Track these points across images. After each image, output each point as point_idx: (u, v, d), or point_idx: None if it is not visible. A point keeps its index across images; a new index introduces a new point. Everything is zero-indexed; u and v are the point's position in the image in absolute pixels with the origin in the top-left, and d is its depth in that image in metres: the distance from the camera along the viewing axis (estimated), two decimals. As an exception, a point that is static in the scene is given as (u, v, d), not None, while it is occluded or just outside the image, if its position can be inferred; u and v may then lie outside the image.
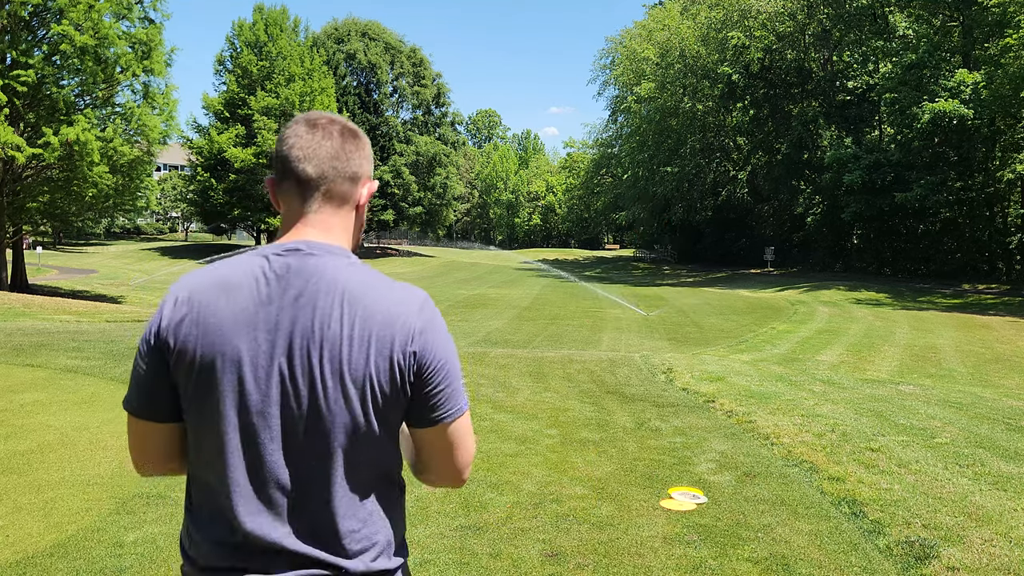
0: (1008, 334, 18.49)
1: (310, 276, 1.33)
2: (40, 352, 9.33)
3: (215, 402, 1.32)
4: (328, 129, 1.43)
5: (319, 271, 1.34)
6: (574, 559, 3.65)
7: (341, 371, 1.30)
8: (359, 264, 1.40)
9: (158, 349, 1.34)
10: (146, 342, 1.37)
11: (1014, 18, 30.60)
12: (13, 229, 23.58)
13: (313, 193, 1.41)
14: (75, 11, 20.62)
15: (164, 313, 1.35)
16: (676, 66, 49.28)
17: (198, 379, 1.32)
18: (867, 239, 42.63)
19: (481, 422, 6.43)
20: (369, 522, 1.36)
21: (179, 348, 1.32)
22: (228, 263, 1.39)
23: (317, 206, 1.42)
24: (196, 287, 1.35)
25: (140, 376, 1.38)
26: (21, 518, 3.99)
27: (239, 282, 1.34)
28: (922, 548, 3.83)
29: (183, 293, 1.35)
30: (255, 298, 1.32)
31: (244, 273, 1.35)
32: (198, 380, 1.32)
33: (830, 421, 6.57)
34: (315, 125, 1.43)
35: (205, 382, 1.32)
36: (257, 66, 49.37)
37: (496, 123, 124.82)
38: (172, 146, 37.37)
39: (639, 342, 15.53)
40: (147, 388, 1.38)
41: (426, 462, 1.46)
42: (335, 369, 1.30)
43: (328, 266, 1.35)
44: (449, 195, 70.76)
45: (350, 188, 1.44)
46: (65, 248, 53.88)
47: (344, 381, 1.30)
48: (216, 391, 1.31)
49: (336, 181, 1.42)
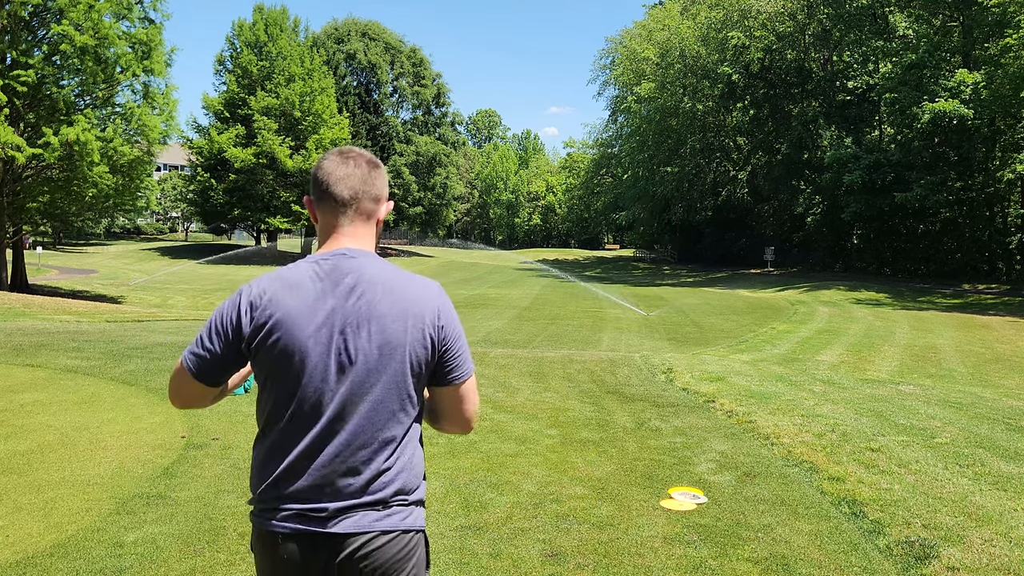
0: (1008, 334, 18.49)
1: (354, 272, 1.74)
2: (40, 352, 9.33)
3: (286, 370, 1.69)
4: (357, 160, 1.82)
5: (360, 268, 1.75)
6: (574, 559, 3.65)
7: (387, 341, 1.71)
8: (385, 262, 1.80)
9: (236, 331, 1.71)
10: (223, 325, 1.73)
11: (1014, 18, 30.59)
12: (13, 229, 23.57)
13: (346, 210, 1.81)
14: (75, 11, 20.61)
15: (242, 304, 1.72)
16: (676, 66, 49.27)
17: (273, 355, 1.70)
18: (867, 239, 42.62)
19: (481, 422, 6.43)
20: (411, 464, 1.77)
21: (255, 330, 1.70)
22: (287, 268, 1.78)
23: (349, 220, 1.81)
24: (267, 285, 1.73)
25: (210, 350, 1.73)
26: (21, 518, 3.99)
27: (300, 281, 1.73)
28: (922, 548, 3.82)
29: (257, 290, 1.73)
30: (314, 291, 1.72)
31: (301, 274, 1.75)
32: (273, 355, 1.70)
33: (830, 421, 6.57)
34: (347, 157, 1.82)
35: (279, 356, 1.69)
36: (257, 66, 49.36)
37: (496, 123, 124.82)
38: (172, 146, 37.37)
39: (639, 342, 15.53)
40: (213, 361, 1.74)
41: (442, 412, 1.87)
42: (384, 340, 1.71)
43: (366, 265, 1.76)
44: (449, 195, 70.75)
45: (374, 206, 1.85)
46: (65, 248, 53.88)
47: (389, 349, 1.72)
48: (288, 362, 1.69)
49: (364, 201, 1.82)
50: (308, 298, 1.71)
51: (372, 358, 1.71)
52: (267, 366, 1.71)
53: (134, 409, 6.49)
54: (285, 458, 1.69)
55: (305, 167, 48.35)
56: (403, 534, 1.72)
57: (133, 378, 7.82)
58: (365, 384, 1.70)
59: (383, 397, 1.71)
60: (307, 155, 48.42)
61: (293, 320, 1.69)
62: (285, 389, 1.70)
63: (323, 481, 1.68)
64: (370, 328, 1.70)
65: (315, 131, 49.49)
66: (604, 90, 72.70)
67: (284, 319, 1.69)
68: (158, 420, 6.15)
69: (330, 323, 1.69)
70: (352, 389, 1.70)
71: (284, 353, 1.69)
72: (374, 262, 1.77)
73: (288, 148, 48.33)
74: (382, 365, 1.71)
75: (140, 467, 4.90)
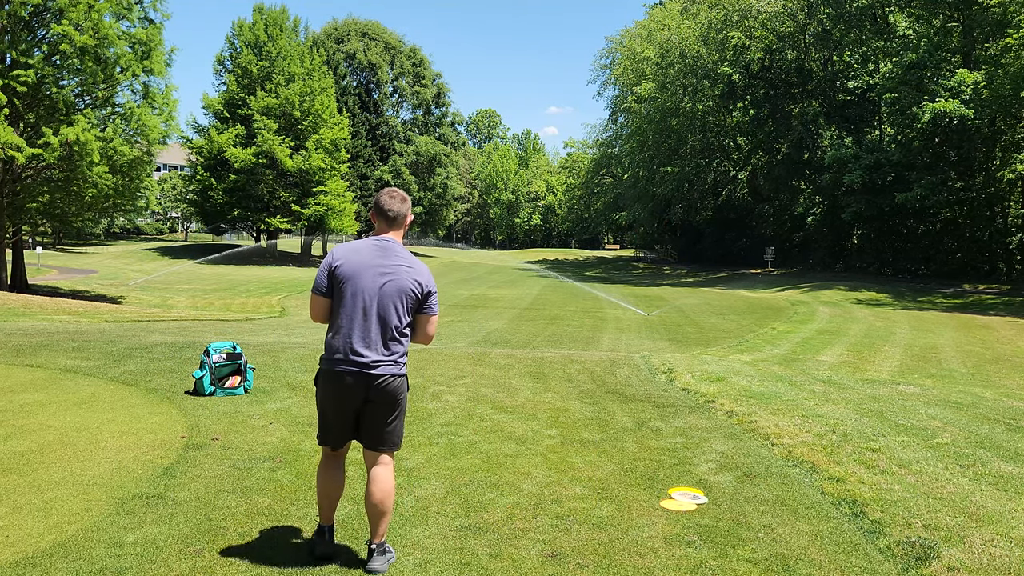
0: (1008, 334, 18.48)
1: (394, 250, 3.55)
2: (40, 352, 9.33)
3: (347, 295, 3.47)
4: (397, 197, 3.63)
5: (396, 248, 3.56)
6: (574, 559, 3.65)
7: (401, 288, 3.48)
8: (406, 249, 3.60)
9: (329, 272, 3.50)
10: (324, 270, 3.51)
11: (1014, 18, 30.59)
12: (13, 229, 23.57)
13: (391, 222, 3.61)
14: (75, 11, 20.61)
15: (331, 260, 3.52)
16: (676, 66, 49.24)
17: (341, 285, 3.48)
18: (867, 239, 42.61)
19: (481, 422, 6.43)
20: (402, 345, 3.51)
21: (337, 273, 3.48)
22: (355, 243, 3.57)
23: (392, 227, 3.62)
24: (339, 252, 3.54)
25: (321, 281, 3.51)
26: (21, 518, 3.99)
27: (362, 248, 3.54)
28: (922, 548, 3.82)
29: (338, 252, 3.53)
30: (372, 255, 3.51)
31: (365, 245, 3.55)
32: (341, 285, 3.48)
33: (830, 421, 6.56)
34: (394, 195, 3.63)
35: (344, 287, 3.47)
36: (257, 66, 49.33)
37: (496, 123, 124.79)
38: (172, 146, 37.37)
39: (639, 342, 15.52)
40: (324, 285, 3.51)
41: (416, 330, 3.61)
42: (399, 288, 3.47)
43: (399, 248, 3.58)
44: (449, 195, 70.73)
45: (404, 220, 3.61)
46: (65, 248, 53.88)
47: (401, 294, 3.48)
48: (348, 291, 3.46)
49: (400, 218, 3.61)
50: (366, 258, 3.50)
51: (392, 290, 3.46)
52: (337, 289, 3.49)
53: (134, 409, 6.49)
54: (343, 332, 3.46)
55: (305, 167, 48.35)
56: (400, 376, 3.52)
57: (133, 378, 7.82)
58: (385, 301, 3.44)
59: (395, 310, 3.45)
60: (307, 155, 48.41)
61: (354, 267, 3.47)
62: (344, 300, 3.47)
63: (366, 346, 3.43)
64: (396, 277, 3.48)
65: (315, 131, 49.47)
66: (604, 90, 72.85)
67: (347, 267, 3.48)
68: (158, 420, 6.14)
69: (379, 269, 3.47)
70: (381, 303, 3.44)
71: (347, 283, 3.46)
72: (402, 247, 3.60)
73: (288, 148, 48.31)
74: (396, 294, 3.46)
75: (140, 467, 4.90)
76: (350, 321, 3.41)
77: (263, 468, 4.97)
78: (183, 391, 7.26)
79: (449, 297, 27.38)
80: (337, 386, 3.42)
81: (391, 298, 3.42)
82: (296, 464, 5.08)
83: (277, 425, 6.12)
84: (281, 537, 3.84)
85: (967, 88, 31.64)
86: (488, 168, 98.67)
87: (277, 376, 8.19)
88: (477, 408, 6.99)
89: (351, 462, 5.00)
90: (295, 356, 9.65)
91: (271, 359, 9.27)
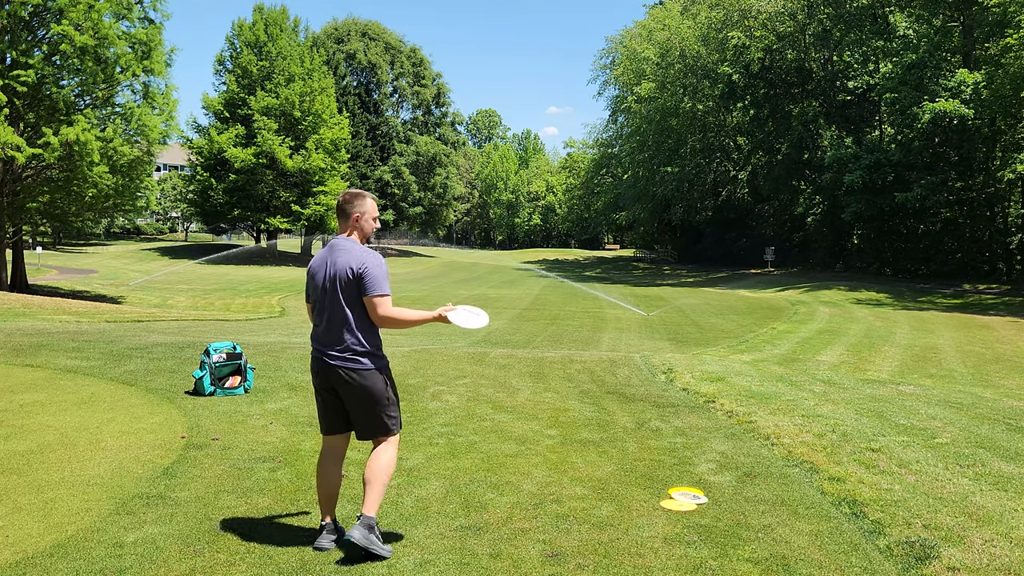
0: (1008, 334, 18.49)
1: (340, 245, 3.72)
2: (40, 352, 9.33)
3: (314, 293, 3.76)
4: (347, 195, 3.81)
5: (343, 243, 3.73)
6: (574, 559, 3.65)
7: (338, 276, 3.64)
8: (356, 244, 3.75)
9: (307, 279, 3.83)
10: (307, 272, 3.84)
11: (1014, 18, 30.58)
12: (13, 229, 23.56)
13: (343, 221, 3.80)
14: (75, 11, 20.60)
15: (308, 267, 3.82)
16: (676, 66, 49.23)
17: (310, 284, 3.79)
18: (867, 239, 42.59)
19: (481, 422, 6.43)
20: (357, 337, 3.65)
21: (308, 277, 3.82)
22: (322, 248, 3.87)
23: (345, 226, 3.80)
24: (314, 257, 3.85)
25: (306, 288, 3.84)
26: (21, 518, 3.99)
27: (321, 251, 3.81)
28: (922, 548, 3.82)
29: (313, 259, 3.84)
30: (324, 254, 3.75)
31: (323, 248, 3.82)
32: (310, 284, 3.79)
33: (831, 421, 6.56)
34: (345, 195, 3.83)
35: (312, 286, 3.77)
36: (257, 66, 49.32)
37: (496, 123, 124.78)
38: (172, 146, 37.35)
39: (639, 342, 15.53)
40: (306, 291, 3.82)
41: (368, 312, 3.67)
42: (336, 276, 3.65)
43: (346, 242, 3.73)
44: (449, 195, 70.72)
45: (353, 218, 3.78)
46: (65, 248, 53.88)
47: (340, 282, 3.64)
48: (311, 291, 3.78)
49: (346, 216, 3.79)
50: (321, 257, 3.76)
51: (334, 281, 3.64)
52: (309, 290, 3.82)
53: (134, 409, 6.49)
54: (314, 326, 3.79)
55: (305, 167, 48.35)
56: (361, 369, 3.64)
57: (133, 378, 7.82)
58: (333, 295, 3.65)
59: (341, 301, 3.64)
60: (307, 155, 48.41)
61: (314, 269, 3.76)
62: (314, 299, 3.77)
63: (327, 339, 3.67)
64: (336, 268, 3.65)
65: (315, 131, 49.46)
66: (604, 90, 72.82)
67: (311, 270, 3.79)
68: (158, 420, 6.15)
69: (327, 266, 3.69)
70: (330, 296, 3.67)
71: (310, 284, 3.79)
72: (350, 242, 3.73)
73: (288, 148, 48.30)
74: (337, 284, 3.64)
75: (140, 467, 4.90)
76: (318, 317, 3.74)
77: (263, 468, 4.97)
78: (183, 391, 7.26)
79: (449, 297, 27.37)
80: (313, 373, 3.79)
81: (336, 290, 3.62)
82: (296, 464, 5.08)
83: (277, 425, 6.12)
84: (281, 537, 3.84)
85: (967, 88, 31.63)
86: (488, 168, 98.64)
87: (277, 376, 8.19)
88: (477, 408, 6.99)
89: (351, 462, 5.00)
90: (295, 356, 9.65)
91: (271, 359, 9.27)
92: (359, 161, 61.68)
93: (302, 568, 3.48)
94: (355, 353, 3.61)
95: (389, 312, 3.61)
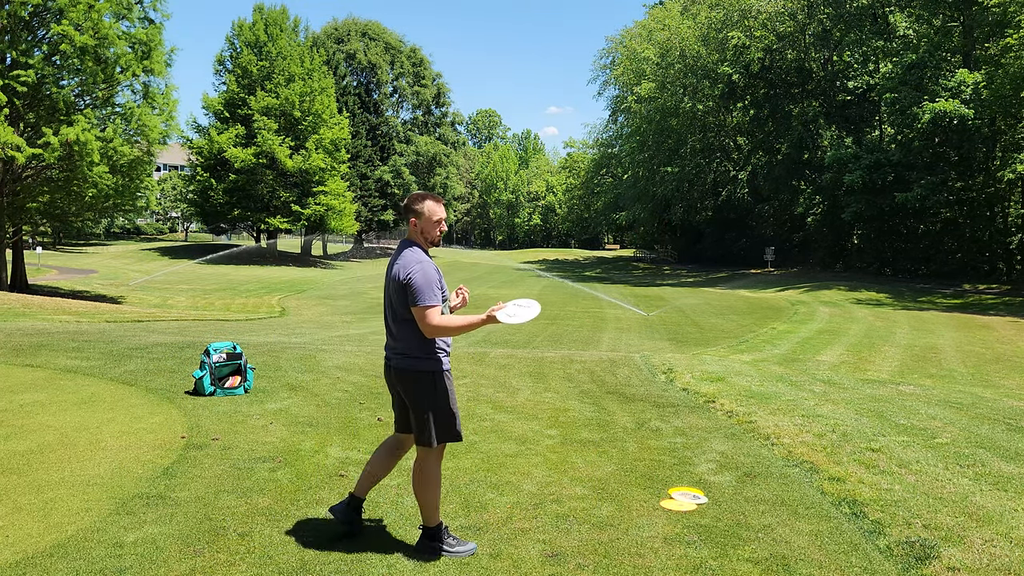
0: (1008, 334, 18.49)
1: (400, 248, 3.78)
2: (40, 352, 9.33)
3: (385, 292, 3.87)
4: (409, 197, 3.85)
5: (402, 246, 3.77)
6: (574, 559, 3.65)
7: (390, 280, 3.72)
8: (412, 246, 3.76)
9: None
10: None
11: (1014, 18, 30.59)
12: (13, 229, 23.56)
13: (408, 222, 3.82)
14: (75, 11, 20.60)
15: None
16: (676, 66, 49.21)
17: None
18: (867, 239, 42.59)
19: (481, 422, 6.43)
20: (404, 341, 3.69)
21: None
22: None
23: (410, 228, 3.81)
24: None
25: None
26: (21, 518, 3.99)
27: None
28: (923, 548, 3.82)
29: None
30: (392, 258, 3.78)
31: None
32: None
33: (830, 421, 6.56)
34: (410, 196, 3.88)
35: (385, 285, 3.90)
36: (257, 66, 49.31)
37: (496, 123, 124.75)
38: (172, 146, 37.34)
39: (639, 342, 15.53)
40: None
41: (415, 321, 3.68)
42: (389, 280, 3.71)
43: (404, 244, 3.78)
44: (449, 195, 70.67)
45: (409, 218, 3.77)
46: (65, 248, 53.88)
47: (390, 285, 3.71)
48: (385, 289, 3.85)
49: (408, 217, 3.79)
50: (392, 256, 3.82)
51: (389, 285, 3.72)
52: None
53: (134, 409, 6.49)
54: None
55: (305, 167, 48.34)
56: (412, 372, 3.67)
57: (133, 378, 7.82)
58: (388, 297, 3.75)
59: (391, 304, 3.71)
60: (307, 155, 48.40)
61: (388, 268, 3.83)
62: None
63: (386, 339, 3.84)
64: (390, 272, 3.71)
65: (315, 131, 49.46)
66: (604, 90, 72.81)
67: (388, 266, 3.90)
68: (158, 420, 6.14)
69: (389, 268, 3.76)
70: (387, 299, 3.76)
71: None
72: (407, 244, 3.77)
73: (288, 148, 48.30)
74: (389, 288, 3.72)
75: (140, 467, 4.90)
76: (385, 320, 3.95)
77: (263, 468, 4.97)
78: (183, 391, 7.26)
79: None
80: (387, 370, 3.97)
81: (389, 293, 3.72)
82: (296, 464, 5.08)
83: (277, 425, 6.12)
84: (281, 537, 3.84)
85: (967, 88, 31.63)
86: (488, 168, 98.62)
87: (277, 376, 8.19)
88: (477, 408, 6.99)
89: (352, 463, 4.99)
90: (295, 356, 9.65)
91: (271, 359, 9.27)
92: (359, 161, 61.66)
93: (302, 568, 3.48)
94: (401, 356, 3.68)
95: (433, 322, 3.56)
